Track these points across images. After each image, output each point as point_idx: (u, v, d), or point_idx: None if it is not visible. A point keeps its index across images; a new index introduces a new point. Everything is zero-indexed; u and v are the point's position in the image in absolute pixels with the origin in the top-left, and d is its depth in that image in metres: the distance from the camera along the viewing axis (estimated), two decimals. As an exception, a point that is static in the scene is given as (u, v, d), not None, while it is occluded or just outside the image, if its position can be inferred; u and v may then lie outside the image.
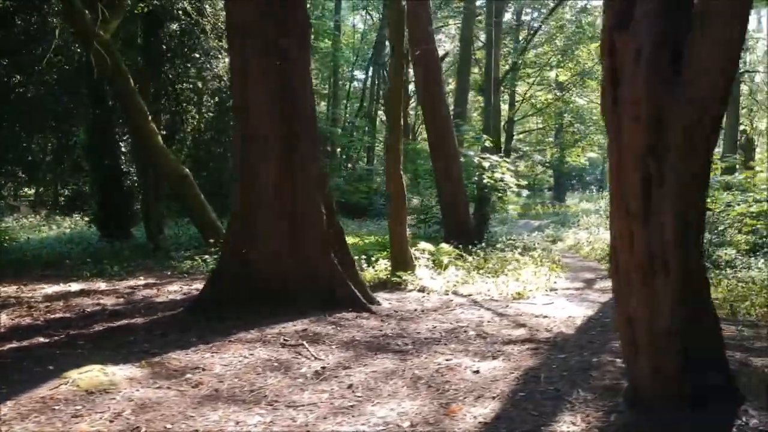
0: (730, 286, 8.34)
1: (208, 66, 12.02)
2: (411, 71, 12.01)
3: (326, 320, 6.10)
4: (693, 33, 2.97)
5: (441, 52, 14.78)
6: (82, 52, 10.65)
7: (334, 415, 3.67)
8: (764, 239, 12.22)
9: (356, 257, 8.91)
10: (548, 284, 8.91)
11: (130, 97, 9.46)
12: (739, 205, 12.23)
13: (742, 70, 29.49)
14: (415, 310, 6.97)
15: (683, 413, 3.48)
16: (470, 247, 11.25)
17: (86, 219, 13.64)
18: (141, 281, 8.50)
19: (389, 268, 8.78)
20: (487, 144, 13.75)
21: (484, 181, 12.41)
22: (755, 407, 3.62)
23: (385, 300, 7.45)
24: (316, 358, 4.87)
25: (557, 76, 29.35)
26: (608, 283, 9.82)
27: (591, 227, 17.40)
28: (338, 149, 23.52)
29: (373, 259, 9.23)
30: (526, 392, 4.05)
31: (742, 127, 32.26)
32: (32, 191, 20.11)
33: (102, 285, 8.14)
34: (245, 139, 6.39)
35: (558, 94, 30.01)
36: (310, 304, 6.35)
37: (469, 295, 7.97)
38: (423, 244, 10.31)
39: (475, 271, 9.64)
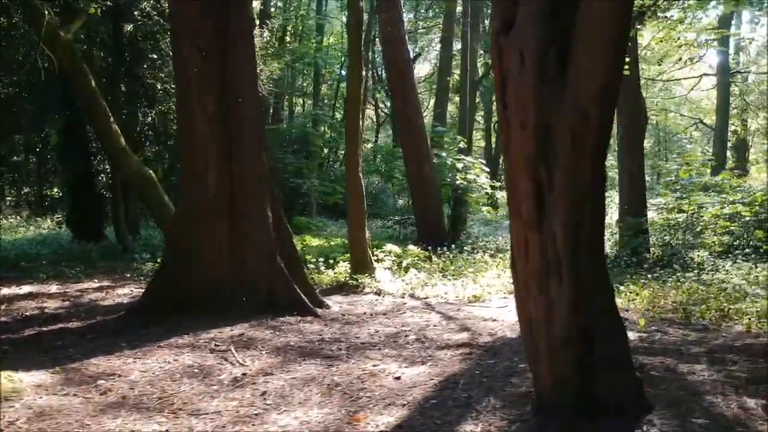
0: (691, 290, 8.26)
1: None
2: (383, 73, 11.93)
3: (267, 324, 6.04)
4: (574, 36, 2.91)
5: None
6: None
7: (234, 424, 3.61)
8: (738, 241, 12.16)
9: (317, 259, 8.87)
10: (509, 287, 8.83)
11: (91, 98, 9.39)
12: (714, 206, 12.16)
13: (733, 71, 29.47)
14: (364, 313, 6.91)
15: (585, 422, 3.42)
16: (441, 248, 11.18)
17: (57, 220, 13.59)
18: (95, 284, 8.44)
19: (349, 271, 8.72)
20: (462, 145, 13.68)
21: (457, 182, 12.33)
22: (662, 417, 3.55)
23: (337, 303, 7.39)
24: (240, 364, 4.81)
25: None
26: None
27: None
28: (315, 150, 23.43)
29: (333, 261, 9.17)
30: (439, 400, 3.99)
31: (733, 128, 32.23)
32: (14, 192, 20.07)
33: (54, 288, 8.08)
34: (185, 140, 6.33)
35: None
36: (254, 309, 6.29)
37: (426, 297, 7.90)
38: (389, 246, 10.25)
39: (438, 273, 9.57)
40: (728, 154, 35.79)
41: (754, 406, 3.77)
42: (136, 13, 10.48)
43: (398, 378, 4.46)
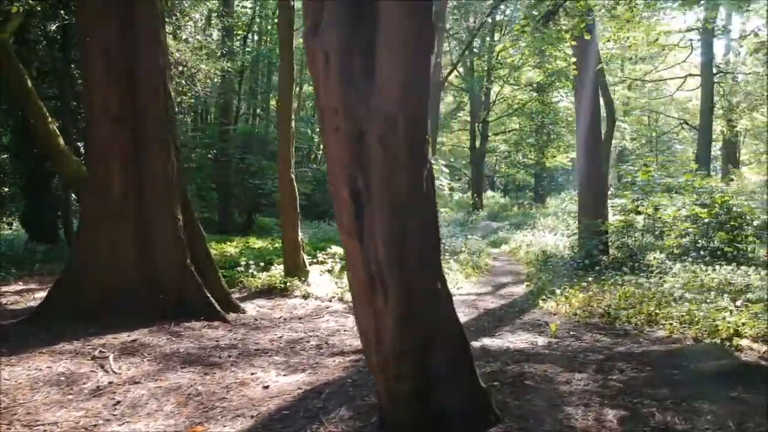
0: (628, 293, 8.11)
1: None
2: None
3: (168, 330, 5.91)
4: (377, 38, 2.77)
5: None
6: None
7: (65, 437, 3.48)
8: (698, 243, 12.01)
9: (248, 262, 8.73)
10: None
11: (26, 98, 9.25)
12: (671, 208, 12.00)
13: (717, 72, 29.23)
14: (280, 317, 6.78)
15: (420, 436, 3.29)
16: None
17: (8, 221, 13.46)
18: (19, 287, 8.31)
19: (282, 274, 8.59)
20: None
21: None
22: (508, 429, 3.42)
23: (258, 307, 7.26)
24: (114, 372, 4.68)
25: (536, 77, 29.08)
26: (518, 288, 9.63)
27: (541, 230, 17.17)
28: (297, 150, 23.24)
29: (269, 263, 9.04)
30: (292, 410, 3.86)
31: (719, 128, 31.98)
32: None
33: (-27, 290, 7.97)
34: (90, 142, 6.20)
35: (534, 94, 29.79)
36: (161, 313, 6.16)
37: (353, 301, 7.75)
38: (334, 248, 10.11)
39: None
40: (718, 154, 35.61)
41: (612, 418, 3.64)
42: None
43: (267, 387, 4.33)
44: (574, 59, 10.93)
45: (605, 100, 16.17)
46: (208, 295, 6.40)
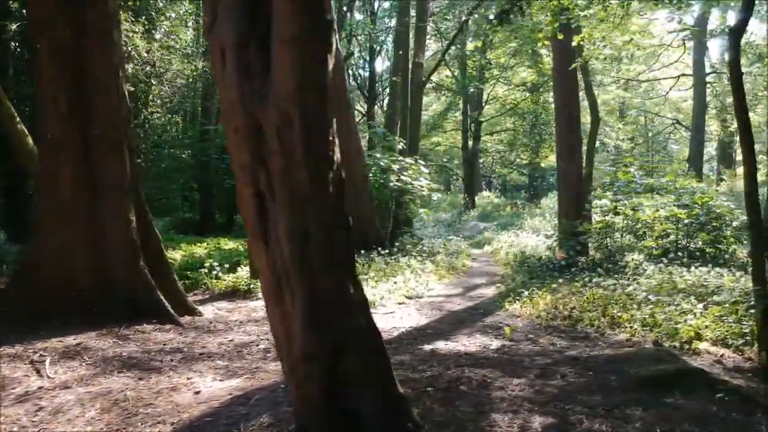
0: (596, 295, 8.03)
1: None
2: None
3: (117, 333, 5.83)
4: (271, 33, 2.69)
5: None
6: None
7: (-27, 445, 3.41)
8: (678, 243, 11.93)
9: (220, 264, 8.65)
10: (414, 291, 8.61)
11: (-6, 99, 9.20)
12: (650, 209, 11.90)
13: (708, 72, 29.11)
14: (236, 320, 6.70)
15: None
16: (371, 253, 10.94)
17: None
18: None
19: (248, 276, 8.51)
20: (401, 146, 13.42)
21: (391, 184, 12.09)
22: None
23: (218, 309, 7.19)
24: (48, 376, 4.60)
25: (529, 76, 28.94)
26: (489, 290, 9.55)
27: (526, 230, 17.09)
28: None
29: (236, 266, 8.96)
30: (215, 417, 3.78)
31: (713, 129, 31.89)
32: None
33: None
34: (40, 142, 6.13)
35: (527, 94, 29.68)
36: (111, 316, 6.08)
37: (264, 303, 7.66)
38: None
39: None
40: (713, 154, 35.47)
41: (538, 425, 3.56)
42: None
43: (198, 393, 4.26)
44: (536, 59, 10.82)
45: (589, 101, 16.09)
46: (162, 297, 6.33)
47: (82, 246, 6.11)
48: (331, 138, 2.94)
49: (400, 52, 14.59)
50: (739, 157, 37.50)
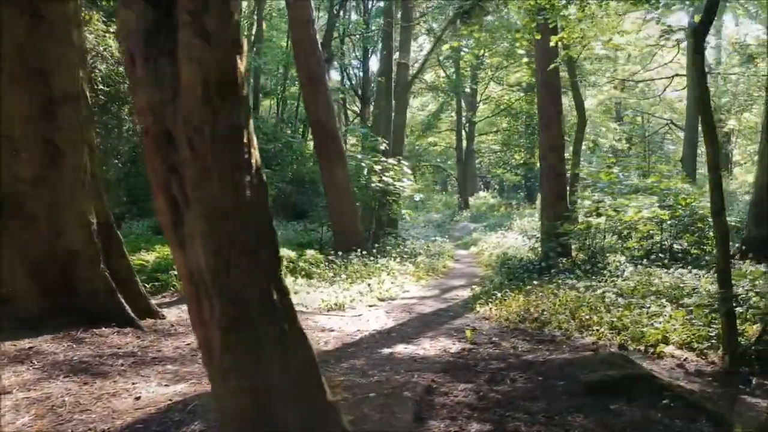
0: (568, 297, 7.97)
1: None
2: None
3: (73, 336, 5.75)
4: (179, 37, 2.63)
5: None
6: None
7: None
8: (658, 245, 11.87)
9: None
10: (387, 294, 8.55)
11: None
12: (631, 209, 11.81)
13: (709, 71, 28.98)
14: (200, 323, 6.63)
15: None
16: (350, 254, 10.88)
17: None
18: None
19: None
20: (384, 147, 13.36)
21: (372, 185, 12.03)
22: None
23: (183, 312, 7.12)
24: (-9, 381, 4.55)
25: (523, 77, 28.84)
26: (465, 292, 9.49)
27: (514, 231, 17.02)
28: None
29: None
30: (147, 423, 3.72)
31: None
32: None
33: None
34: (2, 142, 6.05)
35: (522, 94, 29.64)
36: (70, 319, 6.00)
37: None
38: (283, 251, 9.98)
39: (327, 280, 9.30)
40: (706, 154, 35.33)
41: (473, 433, 3.50)
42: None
43: (138, 398, 4.20)
44: (525, 60, 10.78)
45: (576, 102, 16.05)
46: (122, 300, 6.26)
47: (42, 246, 6.03)
48: (246, 141, 2.87)
49: (385, 53, 14.54)
50: (735, 158, 37.50)
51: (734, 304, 5.52)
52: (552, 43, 9.89)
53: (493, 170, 37.27)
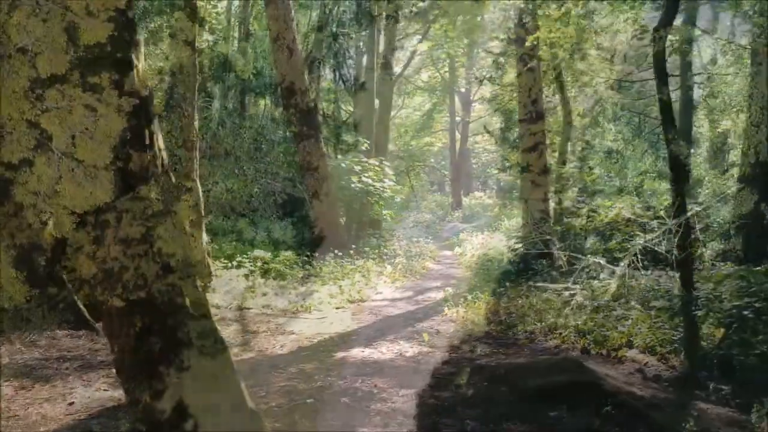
0: (541, 300, 7.86)
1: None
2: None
3: (23, 339, 5.68)
4: None
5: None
6: None
7: None
8: (641, 246, 11.74)
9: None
10: (358, 295, 8.45)
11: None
12: (611, 211, 11.71)
13: (697, 72, 28.88)
14: (159, 326, 6.54)
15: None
16: (327, 255, 10.77)
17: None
18: None
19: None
20: (365, 147, 13.26)
21: (352, 185, 11.94)
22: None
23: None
24: (-73, 385, 4.46)
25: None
26: (439, 294, 9.40)
27: (502, 231, 16.92)
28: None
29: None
30: (70, 428, 3.64)
31: (702, 131, 31.60)
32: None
33: None
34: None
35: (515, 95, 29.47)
36: (23, 321, 5.93)
37: (249, 308, 7.53)
38: (257, 252, 9.89)
39: (299, 281, 9.21)
40: (705, 156, 35.18)
41: (402, 441, 3.41)
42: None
43: (72, 404, 4.11)
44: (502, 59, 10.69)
45: (562, 102, 15.94)
46: (78, 302, 6.17)
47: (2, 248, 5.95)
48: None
49: (366, 52, 14.46)
50: (731, 158, 37.38)
51: (694, 307, 5.43)
52: (528, 43, 9.79)
53: (490, 170, 37.15)
